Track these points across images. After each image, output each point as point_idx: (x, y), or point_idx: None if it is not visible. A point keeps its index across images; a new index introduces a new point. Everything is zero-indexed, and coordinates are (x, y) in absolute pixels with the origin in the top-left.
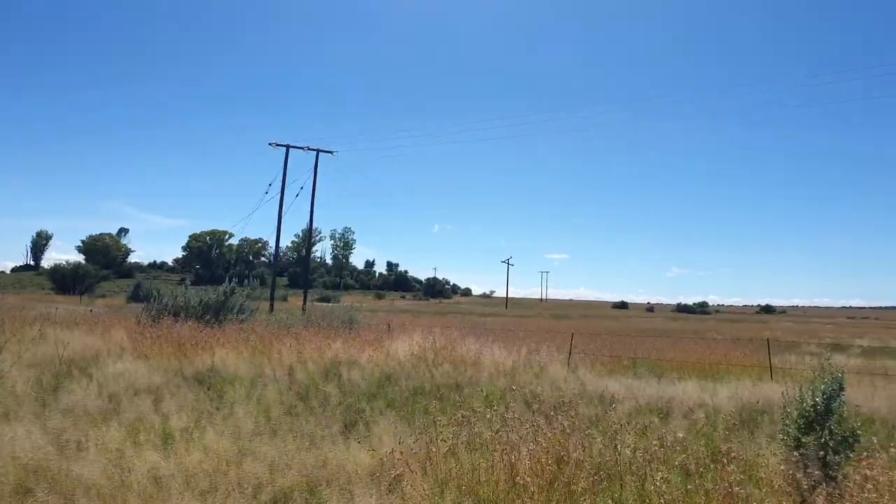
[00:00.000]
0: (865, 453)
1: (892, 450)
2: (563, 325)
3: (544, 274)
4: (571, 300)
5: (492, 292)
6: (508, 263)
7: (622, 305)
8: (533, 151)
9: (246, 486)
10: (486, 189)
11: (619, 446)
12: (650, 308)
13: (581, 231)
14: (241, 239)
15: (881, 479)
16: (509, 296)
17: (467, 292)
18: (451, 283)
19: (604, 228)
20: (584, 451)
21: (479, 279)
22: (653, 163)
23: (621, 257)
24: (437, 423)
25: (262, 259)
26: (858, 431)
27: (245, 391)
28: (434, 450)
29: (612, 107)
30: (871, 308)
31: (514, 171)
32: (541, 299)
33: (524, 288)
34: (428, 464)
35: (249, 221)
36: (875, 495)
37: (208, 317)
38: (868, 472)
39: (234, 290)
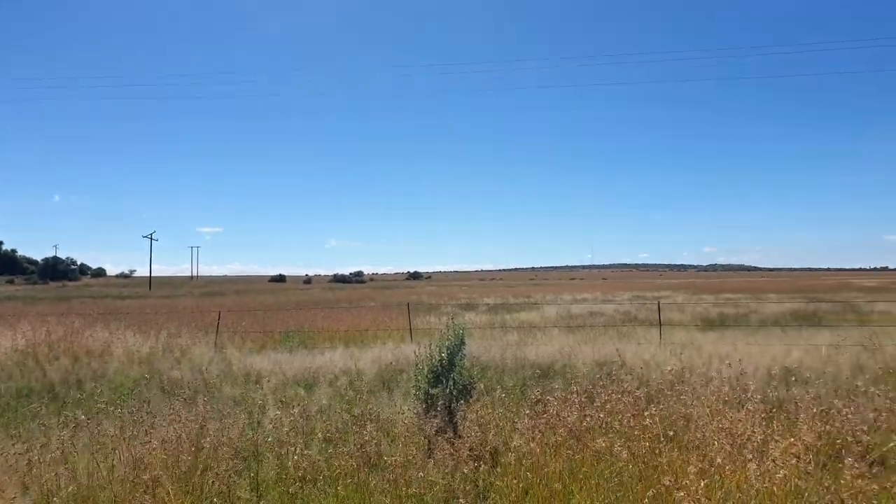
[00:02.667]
0: (480, 397)
1: (498, 391)
2: (214, 304)
3: (195, 249)
4: (226, 276)
5: (132, 272)
6: (151, 238)
7: (280, 279)
8: (179, 114)
9: None
10: (123, 154)
11: (260, 423)
12: (308, 280)
13: (236, 202)
14: None
15: (487, 417)
16: (155, 274)
17: (100, 273)
18: (80, 263)
19: (261, 199)
20: (224, 433)
21: (116, 257)
22: (308, 137)
23: (280, 230)
24: (48, 426)
25: None
26: (473, 379)
27: None
28: (39, 459)
29: (265, 76)
30: (498, 270)
31: (158, 135)
32: (191, 277)
33: (173, 265)
34: (28, 477)
35: None
36: (480, 432)
37: None
38: (478, 413)
39: None
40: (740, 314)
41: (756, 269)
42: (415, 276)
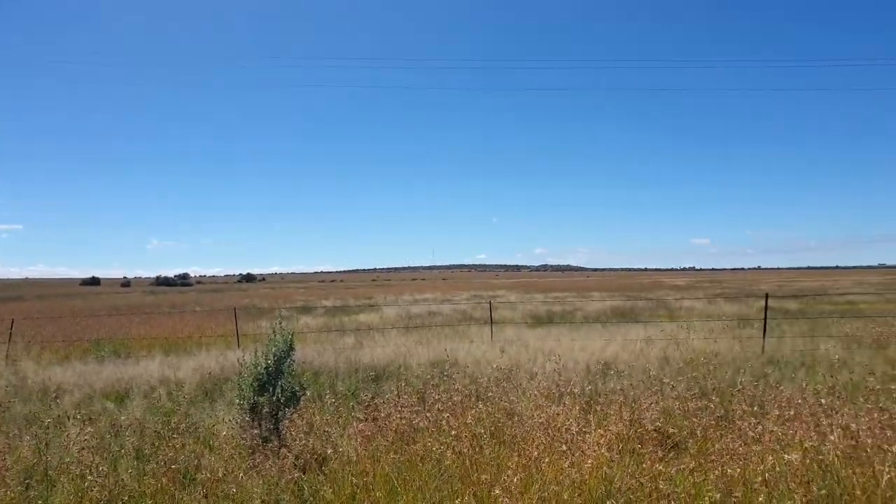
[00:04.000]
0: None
1: (327, 397)
2: (8, 310)
3: None
4: (27, 279)
5: None
6: None
7: (93, 282)
8: None
9: None
10: None
11: (49, 444)
12: (126, 283)
13: (39, 196)
14: None
15: (316, 423)
16: None
17: None
18: None
19: (70, 193)
20: (9, 457)
21: None
22: (126, 127)
23: (94, 227)
24: None
25: None
26: (303, 385)
27: None
28: None
29: (76, 59)
30: (339, 272)
31: None
32: None
33: None
34: None
35: None
36: (307, 440)
37: None
38: (306, 420)
39: None
40: (567, 311)
41: (583, 269)
42: (248, 278)
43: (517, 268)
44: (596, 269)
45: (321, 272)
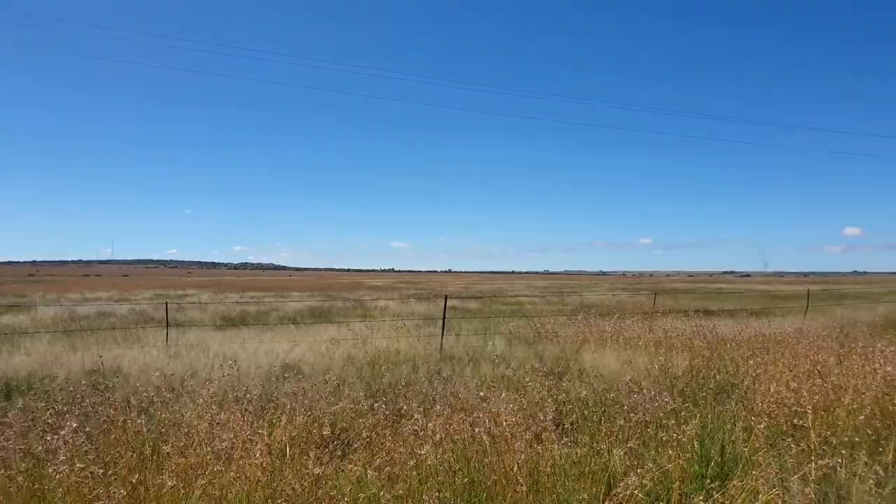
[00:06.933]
0: None
1: None
2: None
3: None
4: None
5: None
6: None
7: None
8: None
9: None
10: None
11: None
12: None
13: None
14: None
15: None
16: None
17: None
18: None
19: None
20: None
21: None
22: None
23: None
24: None
25: None
26: None
27: None
28: None
29: None
30: None
31: None
32: None
33: None
34: None
35: None
36: None
37: None
38: None
39: None
40: (262, 312)
41: (286, 268)
42: None
43: (214, 265)
44: (300, 269)
45: None
